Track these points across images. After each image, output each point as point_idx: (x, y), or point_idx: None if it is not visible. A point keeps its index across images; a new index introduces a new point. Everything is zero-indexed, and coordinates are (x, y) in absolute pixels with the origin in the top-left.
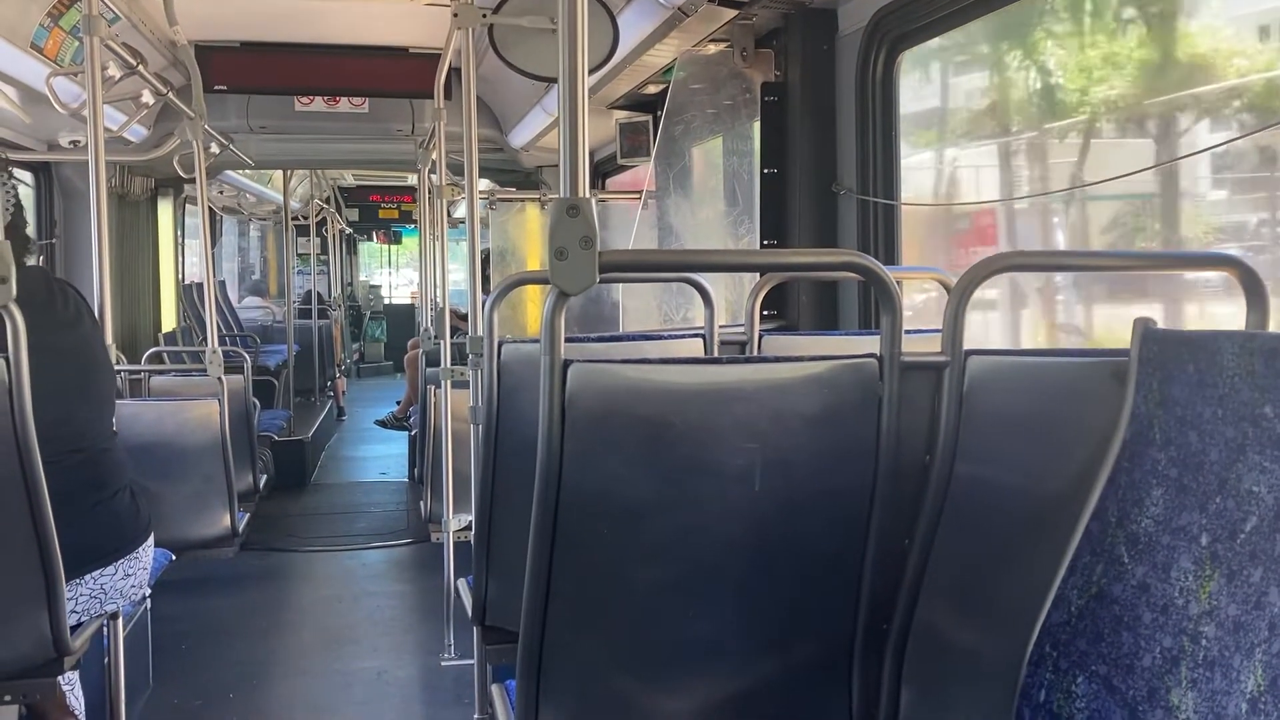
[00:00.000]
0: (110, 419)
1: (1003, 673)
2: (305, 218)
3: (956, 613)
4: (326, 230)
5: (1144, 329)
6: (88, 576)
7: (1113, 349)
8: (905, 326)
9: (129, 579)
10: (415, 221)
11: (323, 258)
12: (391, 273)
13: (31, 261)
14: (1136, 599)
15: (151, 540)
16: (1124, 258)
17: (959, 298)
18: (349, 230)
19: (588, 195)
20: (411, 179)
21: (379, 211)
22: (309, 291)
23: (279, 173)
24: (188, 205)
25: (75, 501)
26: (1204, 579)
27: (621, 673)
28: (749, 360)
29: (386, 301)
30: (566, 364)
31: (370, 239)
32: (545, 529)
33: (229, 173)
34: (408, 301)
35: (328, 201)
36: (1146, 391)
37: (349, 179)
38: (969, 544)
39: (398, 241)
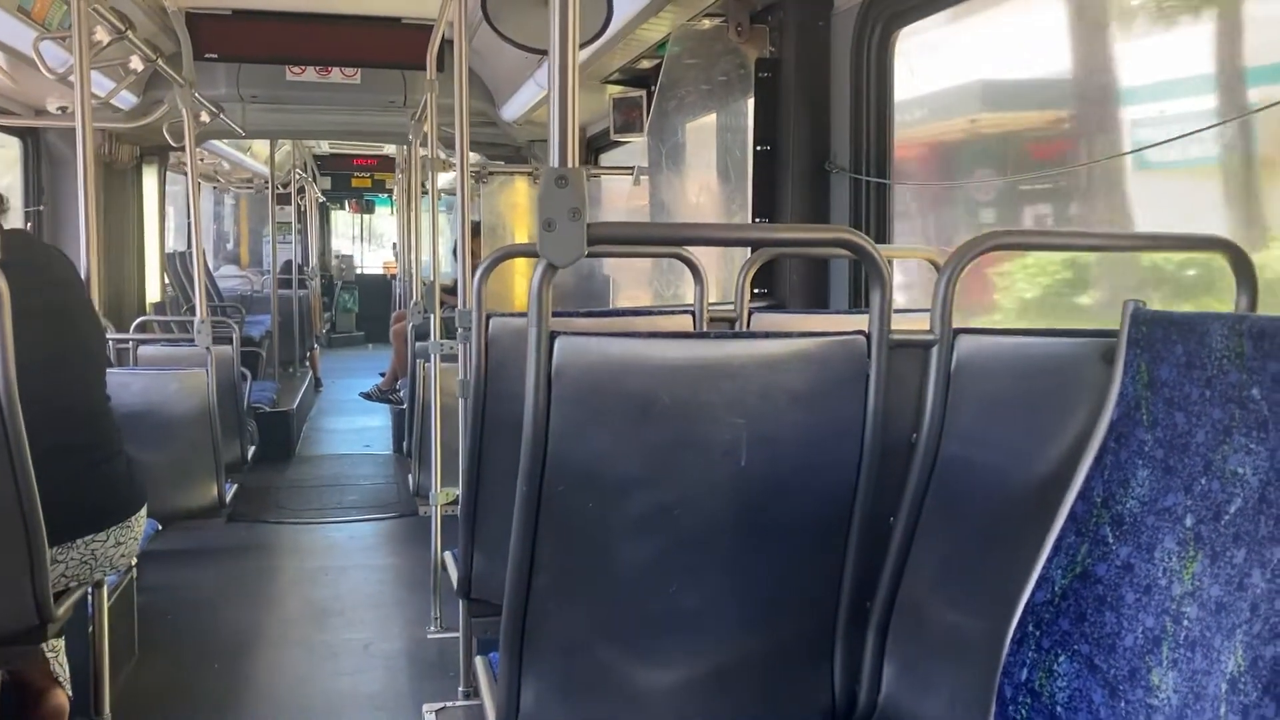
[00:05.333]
0: (103, 381)
1: (985, 651)
2: (283, 185)
3: (940, 591)
4: (304, 199)
5: (1134, 310)
6: (79, 541)
7: (1102, 329)
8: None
9: (120, 547)
10: (389, 191)
11: (297, 226)
12: (363, 243)
13: (16, 224)
14: (1120, 579)
15: (145, 511)
16: (1114, 237)
17: (948, 276)
18: (323, 199)
19: (578, 166)
20: (388, 147)
21: (351, 180)
22: (288, 261)
23: (260, 139)
24: (169, 173)
25: (70, 462)
26: (1187, 560)
27: (605, 646)
28: (737, 336)
29: (359, 271)
30: (553, 336)
31: (343, 207)
32: (530, 502)
33: (212, 140)
34: (380, 271)
35: (305, 169)
36: (1135, 372)
37: (324, 146)
38: (954, 522)
39: (370, 211)
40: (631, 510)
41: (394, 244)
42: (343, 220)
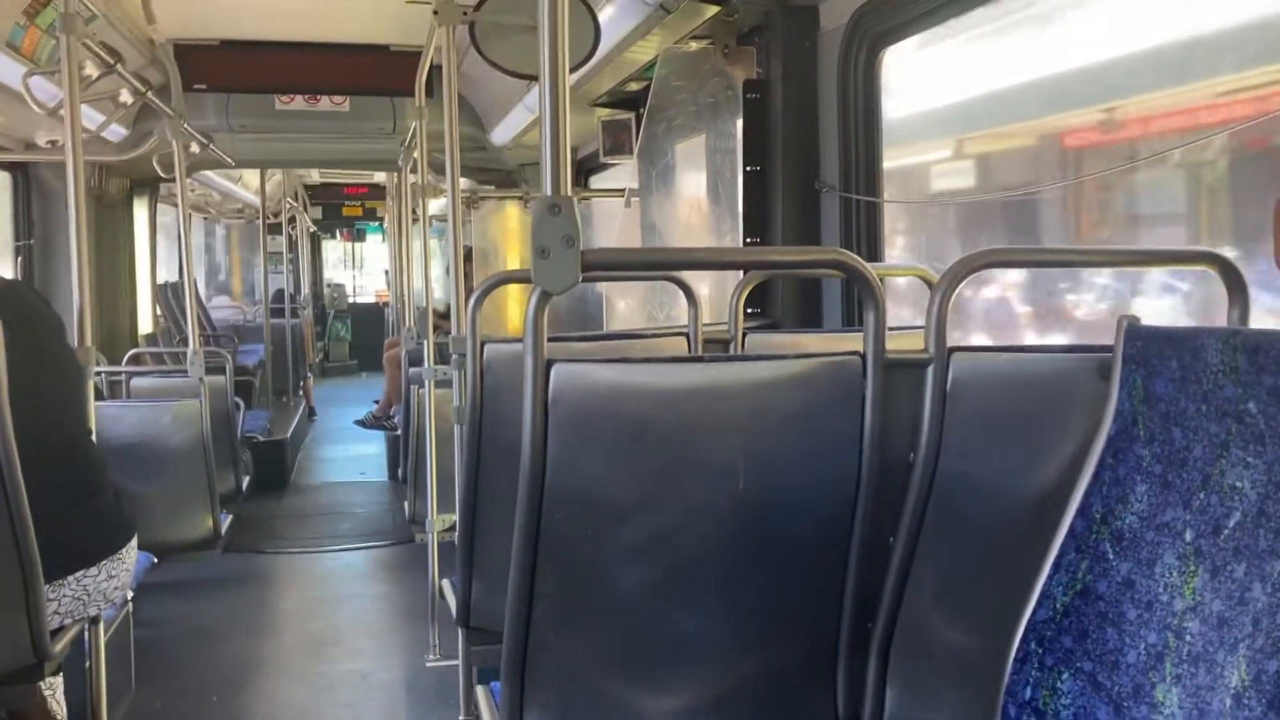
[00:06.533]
0: (83, 415)
1: (988, 670)
2: (274, 215)
3: (942, 610)
4: (294, 228)
5: (1128, 325)
6: (70, 578)
7: (1097, 345)
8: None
9: (112, 580)
10: (380, 219)
11: (289, 256)
12: (356, 272)
13: (8, 263)
14: (1121, 595)
15: (135, 542)
16: (1106, 253)
17: (941, 295)
18: (314, 228)
19: (570, 194)
20: (378, 176)
21: (343, 209)
22: (279, 290)
23: (251, 170)
24: (160, 204)
25: (54, 499)
26: (1188, 575)
27: (606, 674)
28: (731, 359)
29: (351, 300)
30: (549, 364)
31: (334, 236)
32: (529, 530)
33: (203, 170)
34: (372, 300)
35: (295, 198)
36: (1130, 388)
37: (315, 175)
38: (954, 541)
39: (362, 239)
40: (630, 536)
41: (386, 271)
42: (334, 249)
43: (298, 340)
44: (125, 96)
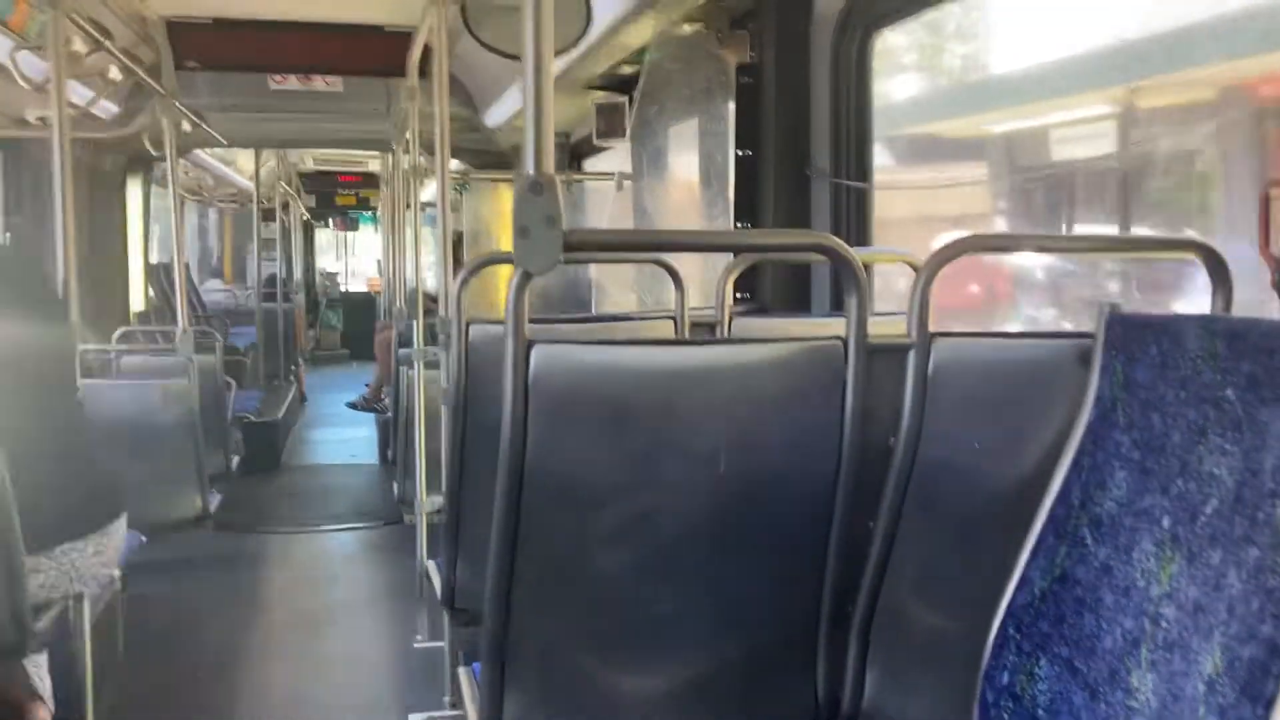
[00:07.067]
0: (70, 382)
1: (967, 654)
2: (268, 200)
3: (921, 595)
4: (287, 215)
5: (1109, 312)
6: (57, 550)
7: (1078, 331)
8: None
9: (99, 556)
10: (373, 209)
11: (282, 244)
12: (347, 259)
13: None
14: (1099, 581)
15: (124, 520)
16: (1091, 240)
17: (924, 280)
18: (307, 216)
19: (552, 173)
20: (371, 165)
21: (336, 198)
22: (272, 275)
23: (245, 155)
24: (154, 188)
25: (38, 468)
26: (1165, 561)
27: (586, 655)
28: (714, 342)
29: (343, 289)
30: (530, 345)
31: (327, 225)
32: (509, 511)
33: (197, 152)
34: (363, 289)
35: (289, 183)
36: (1111, 374)
37: (309, 163)
38: (934, 527)
39: (354, 228)
40: (611, 519)
41: (379, 261)
42: (326, 238)
43: (290, 326)
44: (115, 74)
